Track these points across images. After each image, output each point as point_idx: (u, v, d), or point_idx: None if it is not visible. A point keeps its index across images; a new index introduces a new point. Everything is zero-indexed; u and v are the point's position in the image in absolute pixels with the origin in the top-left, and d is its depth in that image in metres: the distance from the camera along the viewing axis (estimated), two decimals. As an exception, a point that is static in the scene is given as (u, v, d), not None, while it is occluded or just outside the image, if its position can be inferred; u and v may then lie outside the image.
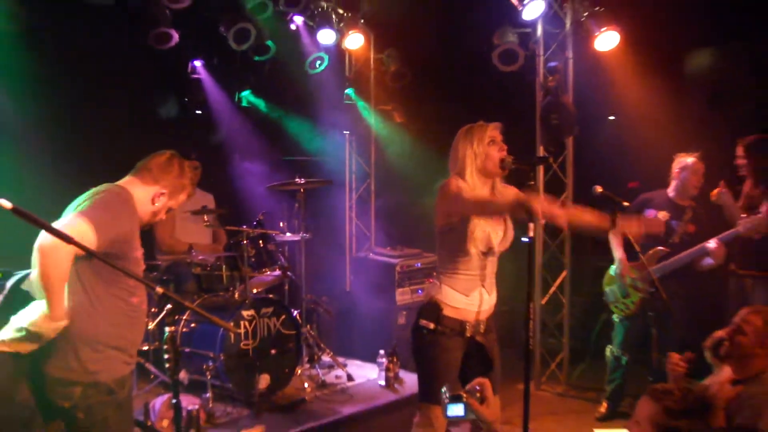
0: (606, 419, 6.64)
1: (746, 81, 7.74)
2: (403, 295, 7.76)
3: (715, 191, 6.41)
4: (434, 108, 8.57)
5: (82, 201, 3.59)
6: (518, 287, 4.43)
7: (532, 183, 4.10)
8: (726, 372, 4.24)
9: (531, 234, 4.04)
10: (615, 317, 6.62)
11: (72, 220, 3.45)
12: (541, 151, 7.49)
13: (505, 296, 4.92)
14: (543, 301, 7.75)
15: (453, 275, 4.36)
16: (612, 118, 8.92)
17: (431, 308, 4.40)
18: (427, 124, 8.56)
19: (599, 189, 6.09)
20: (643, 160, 7.76)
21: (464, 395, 3.27)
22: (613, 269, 6.55)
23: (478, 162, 4.30)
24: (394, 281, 7.73)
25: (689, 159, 6.37)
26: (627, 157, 7.43)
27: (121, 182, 3.81)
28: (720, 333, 4.27)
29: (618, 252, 6.48)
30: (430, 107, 8.67)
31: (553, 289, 7.78)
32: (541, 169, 7.59)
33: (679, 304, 6.13)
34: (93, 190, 3.68)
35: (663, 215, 6.36)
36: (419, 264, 7.84)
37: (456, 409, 3.27)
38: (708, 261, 6.12)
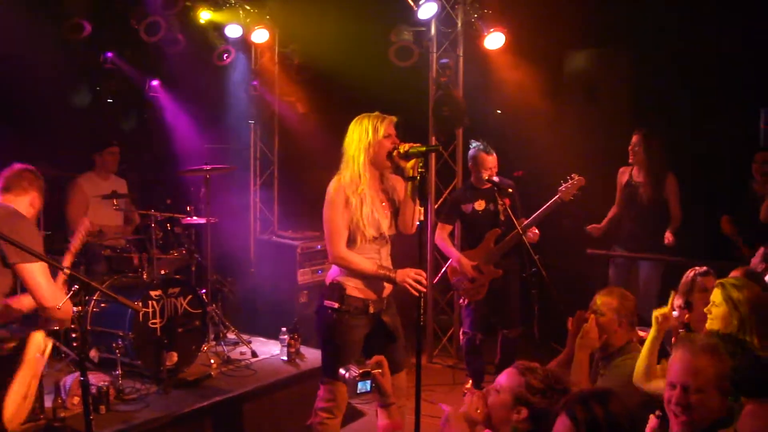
0: None
1: (620, 81, 7.98)
2: (304, 276, 7.77)
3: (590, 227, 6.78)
4: (335, 99, 8.57)
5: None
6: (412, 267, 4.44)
7: (423, 170, 4.13)
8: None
9: (421, 217, 4.10)
10: (462, 301, 6.67)
11: None
12: (433, 141, 7.56)
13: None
14: (435, 281, 7.83)
15: (352, 258, 4.38)
16: (499, 111, 9.07)
17: (335, 289, 4.39)
18: (327, 114, 8.55)
19: (486, 176, 6.22)
20: (527, 151, 7.93)
21: (372, 371, 3.31)
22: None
23: (371, 152, 4.30)
24: (295, 262, 7.72)
25: (471, 152, 6.43)
26: (512, 148, 7.57)
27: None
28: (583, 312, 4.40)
29: (451, 251, 6.53)
30: (331, 98, 8.67)
31: (444, 269, 7.85)
32: (433, 158, 7.67)
33: (514, 281, 6.38)
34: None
35: (480, 204, 6.44)
36: (319, 246, 7.83)
37: (365, 386, 3.30)
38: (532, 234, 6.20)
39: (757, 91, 7.09)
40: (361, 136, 4.31)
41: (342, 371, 3.36)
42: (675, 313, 4.57)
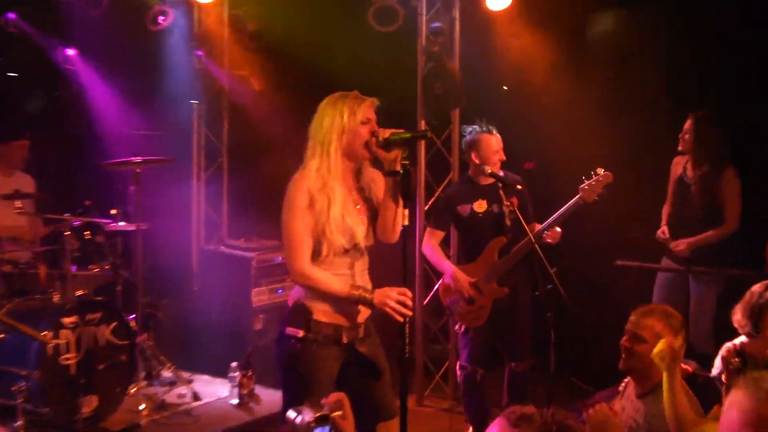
0: None
1: (656, 46, 7.93)
2: (260, 296, 7.72)
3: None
4: (298, 74, 8.52)
5: None
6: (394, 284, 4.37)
7: (407, 162, 4.06)
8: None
9: (405, 221, 4.02)
10: (458, 328, 6.57)
11: None
12: (422, 125, 7.51)
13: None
14: (425, 302, 7.75)
15: (320, 275, 4.31)
16: (505, 88, 9.03)
17: (299, 313, 4.31)
18: (289, 92, 8.51)
19: (488, 170, 6.15)
20: (540, 137, 7.88)
21: (330, 414, 3.20)
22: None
23: (345, 140, 4.23)
24: (249, 279, 7.68)
25: (468, 137, 6.38)
26: (521, 134, 7.51)
27: None
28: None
29: (444, 265, 6.48)
30: (294, 73, 8.63)
31: (436, 287, 7.72)
32: (422, 146, 7.60)
33: (524, 299, 6.35)
34: None
35: (480, 205, 6.37)
36: (280, 258, 7.77)
37: None
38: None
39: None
40: (334, 120, 4.25)
41: (291, 415, 3.22)
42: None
